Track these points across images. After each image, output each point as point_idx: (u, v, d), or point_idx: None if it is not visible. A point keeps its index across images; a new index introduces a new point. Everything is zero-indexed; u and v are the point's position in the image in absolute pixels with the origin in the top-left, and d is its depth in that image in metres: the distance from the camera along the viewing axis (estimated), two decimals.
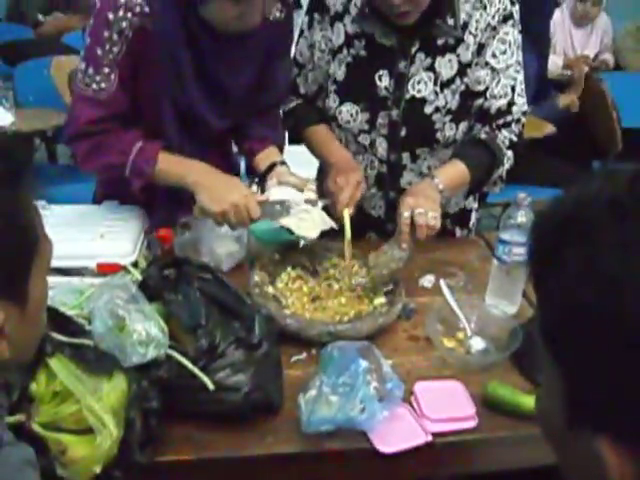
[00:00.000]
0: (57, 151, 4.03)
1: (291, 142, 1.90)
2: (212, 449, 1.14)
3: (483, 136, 1.68)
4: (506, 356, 1.35)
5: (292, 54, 1.80)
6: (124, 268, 1.39)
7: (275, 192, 1.62)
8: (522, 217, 1.47)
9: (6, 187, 0.75)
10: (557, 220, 0.62)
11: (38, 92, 3.69)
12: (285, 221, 1.50)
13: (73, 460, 1.01)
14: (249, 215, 1.47)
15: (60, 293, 1.31)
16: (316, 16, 1.72)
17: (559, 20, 4.38)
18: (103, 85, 1.48)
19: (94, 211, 1.66)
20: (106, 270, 1.41)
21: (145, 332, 1.12)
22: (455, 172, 1.63)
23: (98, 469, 1.02)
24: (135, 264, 1.44)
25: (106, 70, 1.46)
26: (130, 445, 1.06)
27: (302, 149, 1.85)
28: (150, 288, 1.25)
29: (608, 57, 4.54)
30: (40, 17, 4.76)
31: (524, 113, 1.71)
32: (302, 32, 1.76)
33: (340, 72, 1.71)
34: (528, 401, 1.17)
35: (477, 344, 1.41)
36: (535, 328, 0.68)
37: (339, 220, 1.55)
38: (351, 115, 1.71)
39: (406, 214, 1.47)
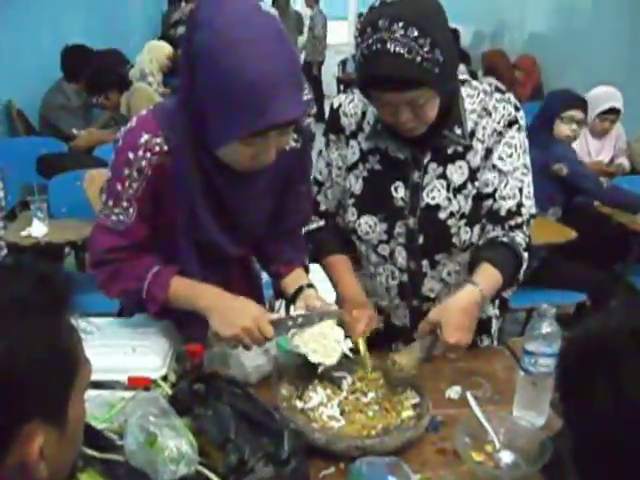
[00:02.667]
0: (86, 259, 4.12)
1: (311, 261, 1.92)
2: None
3: (505, 239, 1.69)
4: (536, 469, 1.32)
5: (312, 174, 1.85)
6: (154, 382, 1.42)
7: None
8: (547, 328, 1.48)
9: (50, 315, 0.79)
10: (583, 351, 0.64)
11: (71, 204, 3.80)
12: (302, 347, 1.53)
13: None
14: (262, 335, 1.49)
15: (91, 406, 1.33)
16: (332, 137, 1.81)
17: None
18: (121, 218, 1.52)
19: (126, 324, 1.70)
20: (136, 384, 1.43)
21: (176, 449, 1.13)
22: (491, 277, 1.63)
23: None
24: (165, 378, 1.46)
25: (125, 204, 1.51)
26: None
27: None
28: (180, 402, 1.27)
29: (624, 161, 4.58)
30: (74, 131, 4.97)
31: (533, 216, 1.74)
32: (320, 152, 1.85)
33: (357, 186, 1.77)
34: None
35: (506, 457, 1.39)
36: (564, 446, 0.69)
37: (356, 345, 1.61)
38: (370, 226, 1.76)
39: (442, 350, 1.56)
